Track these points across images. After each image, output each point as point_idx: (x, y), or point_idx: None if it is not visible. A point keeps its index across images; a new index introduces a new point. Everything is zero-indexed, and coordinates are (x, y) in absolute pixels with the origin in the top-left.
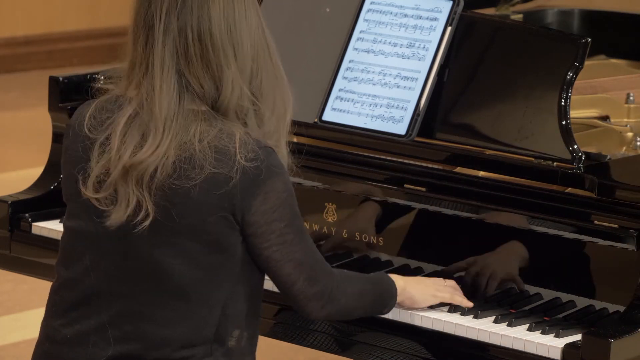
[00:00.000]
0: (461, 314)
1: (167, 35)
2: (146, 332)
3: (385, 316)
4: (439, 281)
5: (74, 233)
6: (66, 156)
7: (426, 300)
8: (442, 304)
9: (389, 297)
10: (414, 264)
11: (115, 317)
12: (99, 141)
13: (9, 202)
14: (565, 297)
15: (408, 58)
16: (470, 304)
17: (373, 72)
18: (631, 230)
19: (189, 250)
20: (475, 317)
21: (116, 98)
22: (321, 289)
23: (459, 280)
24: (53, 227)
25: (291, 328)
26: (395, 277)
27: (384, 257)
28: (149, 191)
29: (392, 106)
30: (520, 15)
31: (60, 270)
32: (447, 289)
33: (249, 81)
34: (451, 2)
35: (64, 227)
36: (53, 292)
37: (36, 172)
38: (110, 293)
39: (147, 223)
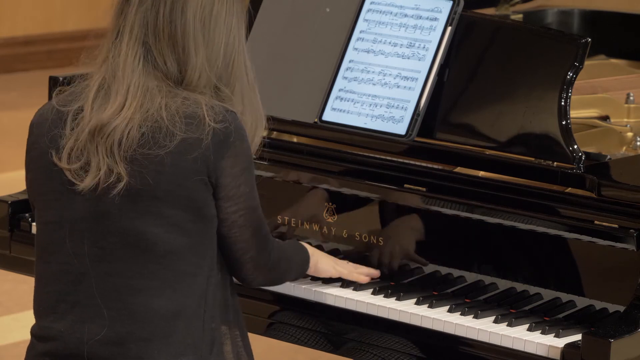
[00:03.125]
0: (461, 314)
1: (141, 5)
2: (136, 306)
3: (385, 315)
4: (340, 260)
5: (49, 225)
6: (32, 153)
7: (328, 270)
8: (441, 304)
9: (307, 261)
10: (414, 263)
11: (105, 297)
12: (72, 113)
13: (9, 202)
14: (565, 297)
15: (408, 58)
16: (366, 280)
17: (373, 72)
18: (631, 230)
19: (171, 217)
20: (475, 317)
21: (85, 75)
22: (267, 257)
23: (459, 280)
24: None
25: (289, 328)
26: (304, 244)
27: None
28: (120, 157)
29: (392, 106)
30: (520, 15)
31: (40, 268)
32: (347, 266)
33: (217, 78)
34: (451, 2)
35: (37, 226)
36: (37, 294)
37: None
38: (97, 274)
39: (120, 187)
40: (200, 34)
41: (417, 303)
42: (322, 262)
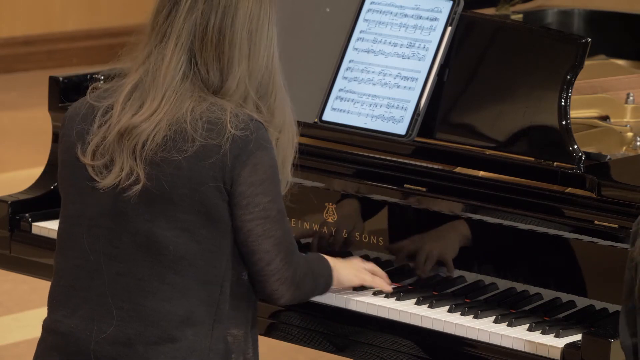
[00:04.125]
0: (461, 314)
1: (190, 13)
2: (145, 308)
3: (385, 316)
4: (359, 263)
5: (70, 219)
6: (61, 146)
7: (350, 280)
8: (441, 304)
9: (330, 277)
10: (414, 264)
11: (115, 297)
12: (102, 109)
13: (9, 202)
14: (565, 297)
15: (408, 58)
16: (389, 289)
17: (373, 72)
18: (631, 230)
19: (183, 222)
20: (475, 317)
21: (120, 72)
22: (294, 272)
23: (459, 280)
24: (53, 227)
25: (289, 328)
26: (325, 257)
27: (384, 257)
28: (141, 159)
29: (392, 106)
30: (520, 15)
31: (59, 262)
32: (368, 272)
33: (257, 90)
34: (451, 2)
35: (60, 218)
36: (52, 286)
37: (36, 172)
38: (110, 272)
39: (137, 188)
40: (247, 44)
41: (417, 303)
42: (343, 274)
